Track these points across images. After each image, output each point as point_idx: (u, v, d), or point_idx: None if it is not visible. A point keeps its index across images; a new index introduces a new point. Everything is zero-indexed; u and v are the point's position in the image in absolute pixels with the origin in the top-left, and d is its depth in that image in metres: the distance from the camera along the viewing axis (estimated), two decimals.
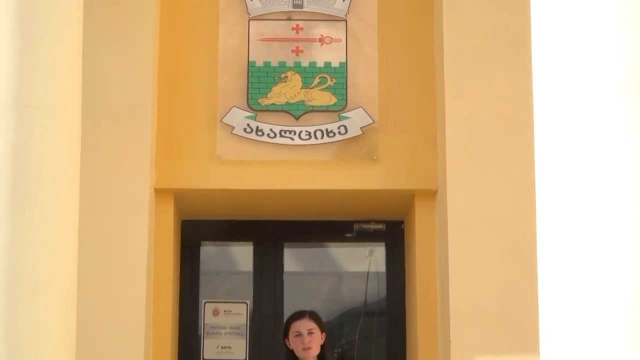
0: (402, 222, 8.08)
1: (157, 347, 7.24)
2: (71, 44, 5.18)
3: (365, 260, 8.55)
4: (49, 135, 4.97)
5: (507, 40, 6.86)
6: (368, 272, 8.51)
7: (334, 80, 7.52)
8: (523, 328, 6.05)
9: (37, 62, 4.95)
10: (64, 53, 5.12)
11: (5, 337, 4.62)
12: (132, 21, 7.14)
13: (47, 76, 4.98)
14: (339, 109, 7.46)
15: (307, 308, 6.42)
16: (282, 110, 7.47)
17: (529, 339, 5.35)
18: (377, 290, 8.40)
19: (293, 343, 5.37)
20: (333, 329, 8.34)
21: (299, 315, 5.49)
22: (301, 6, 7.60)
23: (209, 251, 8.37)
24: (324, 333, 5.47)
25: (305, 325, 5.42)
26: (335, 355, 6.68)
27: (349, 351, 8.52)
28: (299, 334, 5.39)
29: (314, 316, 5.44)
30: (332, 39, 7.58)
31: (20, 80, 4.85)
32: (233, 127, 7.40)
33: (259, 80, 7.51)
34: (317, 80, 7.54)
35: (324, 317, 7.84)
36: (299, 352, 5.32)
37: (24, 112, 4.84)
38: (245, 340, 7.87)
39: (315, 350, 5.36)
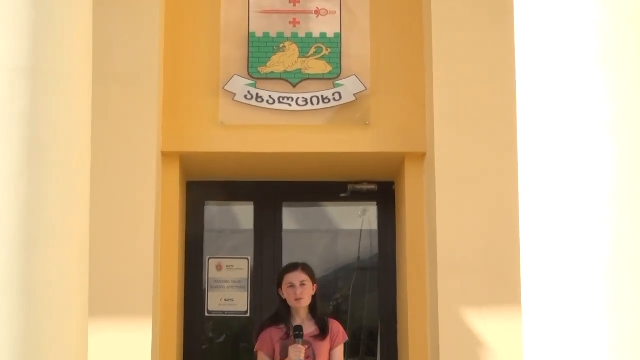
0: (392, 183, 8.10)
1: (164, 299, 7.31)
2: (82, 15, 5.17)
3: (358, 218, 8.56)
4: (62, 101, 4.98)
5: (491, 8, 6.85)
6: (361, 230, 8.53)
7: (329, 50, 7.53)
8: (506, 279, 6.10)
9: (50, 31, 4.95)
10: (75, 23, 5.12)
11: (23, 286, 4.65)
12: None
13: (60, 44, 4.98)
14: (334, 76, 7.47)
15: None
16: (280, 78, 7.48)
17: (511, 289, 5.40)
18: (370, 247, 8.42)
19: (286, 293, 5.37)
20: (328, 284, 8.37)
21: (292, 267, 5.49)
22: None
23: (212, 210, 8.39)
24: (315, 285, 5.47)
25: (297, 277, 5.40)
26: (330, 308, 6.70)
27: (343, 304, 8.55)
28: (292, 285, 5.38)
29: (306, 268, 5.42)
30: (327, 11, 7.57)
31: (34, 48, 4.86)
32: (235, 94, 7.42)
33: (259, 50, 7.52)
34: (313, 50, 7.54)
35: (320, 273, 7.91)
36: (291, 302, 5.32)
37: (38, 78, 4.85)
38: (246, 294, 7.91)
39: (307, 301, 5.36)
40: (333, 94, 7.44)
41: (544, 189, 4.98)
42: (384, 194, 8.17)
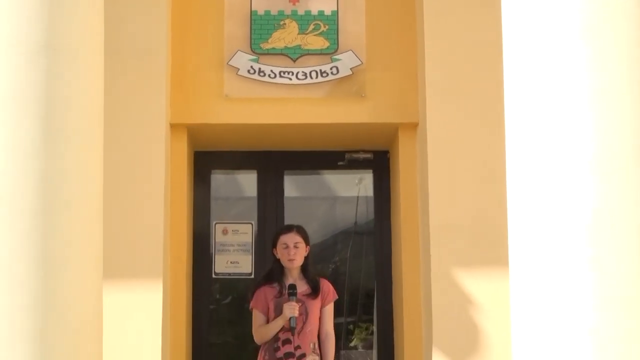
0: (387, 152, 8.10)
1: (174, 262, 7.35)
2: None
3: (355, 186, 8.57)
4: (76, 75, 4.98)
5: None
6: (358, 197, 8.55)
7: (327, 27, 7.52)
8: (494, 241, 6.11)
9: (63, 8, 4.93)
10: (88, 1, 5.12)
11: (42, 250, 4.67)
12: None
13: (73, 21, 4.97)
14: (331, 52, 7.47)
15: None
16: (281, 54, 7.47)
17: (499, 250, 5.39)
18: (366, 212, 8.43)
19: (280, 253, 5.35)
20: (327, 248, 8.39)
21: (287, 229, 5.47)
22: None
23: (218, 179, 8.39)
24: (308, 247, 5.44)
25: (292, 239, 5.38)
26: (329, 270, 6.72)
27: (342, 267, 8.57)
28: (286, 246, 5.36)
29: (300, 231, 5.39)
30: None
31: (48, 25, 4.85)
32: (238, 69, 7.41)
33: (261, 27, 7.51)
34: (311, 27, 7.52)
35: (320, 237, 7.95)
36: (284, 262, 5.30)
37: (52, 54, 4.83)
38: (251, 256, 7.94)
39: (299, 262, 5.34)
40: (331, 68, 7.43)
41: (530, 156, 4.99)
42: (379, 162, 8.17)
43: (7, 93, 4.76)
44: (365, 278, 8.30)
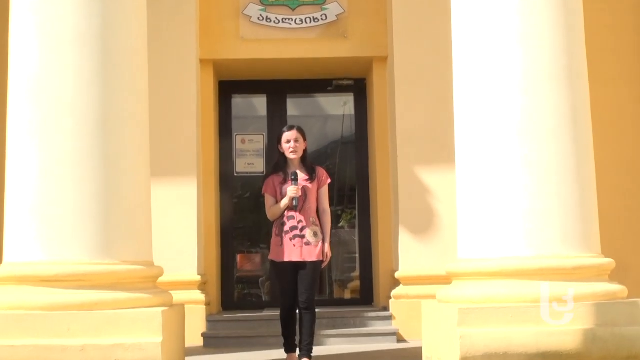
0: (364, 79, 8.09)
1: (205, 164, 7.42)
2: None
3: (341, 107, 8.55)
4: (127, 23, 4.93)
5: None
6: (343, 115, 8.54)
7: None
8: (444, 144, 6.10)
9: None
10: None
11: (105, 157, 4.70)
12: None
13: None
14: (321, 3, 7.42)
15: None
16: (283, 5, 7.42)
17: (448, 151, 5.41)
18: (350, 127, 8.42)
19: (284, 148, 5.23)
20: (320, 155, 8.35)
21: (289, 128, 5.30)
22: None
23: (237, 102, 8.36)
24: (306, 142, 5.32)
25: (293, 135, 5.21)
26: (324, 168, 6.71)
27: (332, 169, 8.54)
28: (289, 141, 5.20)
29: (299, 129, 5.27)
30: None
31: None
32: (250, 17, 7.38)
33: None
34: None
35: (314, 147, 7.95)
36: (287, 155, 5.20)
37: (109, 4, 4.77)
38: (263, 159, 7.97)
39: (299, 154, 5.23)
40: (321, 15, 7.39)
41: (470, 79, 4.98)
42: (358, 87, 8.16)
43: (74, 36, 4.71)
44: (350, 177, 8.33)
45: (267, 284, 7.99)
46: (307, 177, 5.18)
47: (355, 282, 8.04)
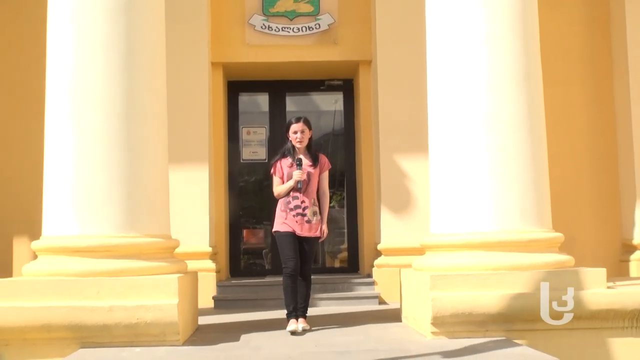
0: (352, 80, 8.04)
1: (216, 152, 7.38)
2: None
3: (332, 104, 8.47)
4: (147, 30, 4.91)
5: None
6: (334, 111, 8.47)
7: None
8: (420, 135, 5.98)
9: None
10: None
11: (133, 146, 4.69)
12: None
13: None
14: (315, 14, 7.38)
15: None
16: (282, 15, 7.39)
17: (423, 141, 5.37)
18: (340, 121, 8.36)
19: (291, 137, 5.13)
20: (315, 145, 8.26)
21: (296, 119, 5.19)
22: None
23: (243, 99, 8.27)
24: (311, 132, 5.22)
25: (300, 127, 5.11)
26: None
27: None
28: (296, 132, 5.11)
29: (306, 121, 5.18)
30: None
31: None
32: (255, 26, 7.36)
33: None
34: None
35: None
36: (294, 143, 5.11)
37: (133, 15, 4.75)
38: (265, 148, 7.92)
39: (305, 143, 5.14)
40: (315, 25, 7.36)
41: (442, 82, 4.96)
42: (347, 87, 8.11)
43: (102, 42, 4.70)
44: (340, 164, 8.26)
45: (269, 255, 7.98)
46: (310, 163, 5.11)
47: (343, 253, 8.04)
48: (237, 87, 8.03)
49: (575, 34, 7.47)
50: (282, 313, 5.17)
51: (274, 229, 5.16)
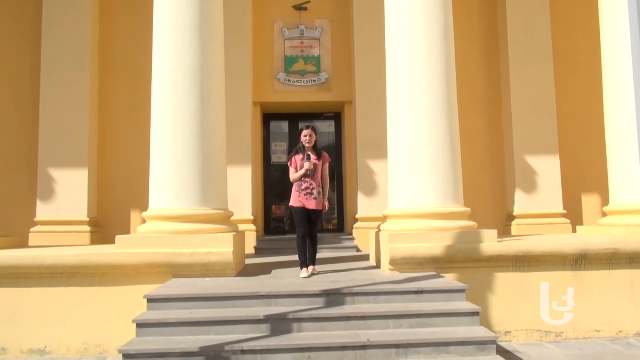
0: (341, 113, 7.96)
1: (255, 157, 7.28)
2: (218, 20, 4.80)
3: (328, 128, 8.35)
4: (216, 84, 4.71)
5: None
6: (329, 132, 8.29)
7: (315, 62, 7.36)
8: (384, 148, 5.76)
9: (209, 47, 4.63)
10: (215, 34, 4.76)
11: (200, 155, 4.58)
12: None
13: (214, 54, 4.68)
14: (318, 72, 7.34)
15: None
16: (297, 73, 7.33)
17: (385, 151, 5.17)
18: (334, 140, 8.21)
19: (302, 140, 4.74)
20: (320, 147, 8.07)
21: (306, 127, 4.79)
22: (303, 32, 7.36)
23: (273, 125, 8.15)
24: (316, 136, 4.80)
25: (308, 132, 4.73)
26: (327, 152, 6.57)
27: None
28: (306, 136, 4.74)
29: (313, 129, 4.77)
30: (312, 47, 7.36)
31: (201, 47, 4.57)
32: (280, 79, 7.30)
33: (289, 62, 7.33)
34: (309, 62, 7.36)
35: None
36: (305, 144, 4.73)
37: (202, 75, 4.58)
38: (286, 155, 7.72)
39: (312, 144, 4.75)
40: (317, 78, 7.33)
41: (397, 118, 4.74)
42: (338, 118, 8.03)
43: (190, 91, 4.52)
44: (333, 165, 8.10)
45: (288, 222, 7.91)
46: (316, 158, 4.84)
47: (334, 220, 8.01)
48: (269, 117, 7.97)
49: (473, 26, 7.28)
50: (296, 258, 5.12)
51: (290, 204, 4.98)
